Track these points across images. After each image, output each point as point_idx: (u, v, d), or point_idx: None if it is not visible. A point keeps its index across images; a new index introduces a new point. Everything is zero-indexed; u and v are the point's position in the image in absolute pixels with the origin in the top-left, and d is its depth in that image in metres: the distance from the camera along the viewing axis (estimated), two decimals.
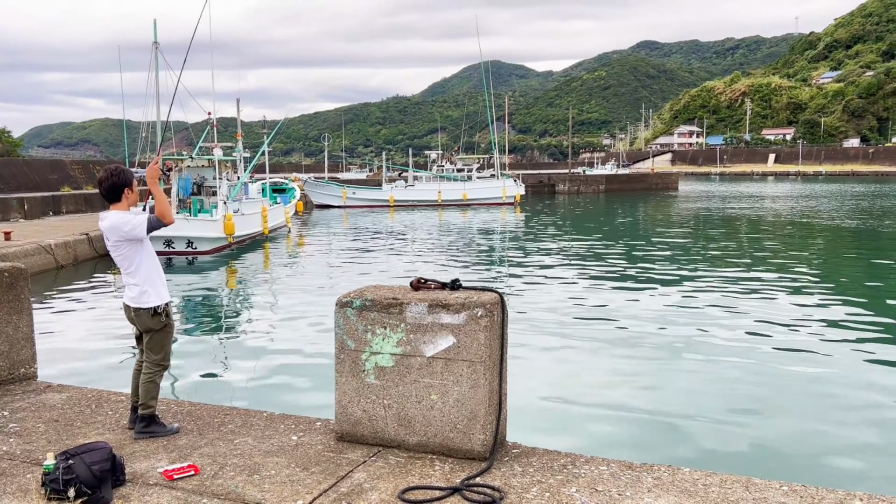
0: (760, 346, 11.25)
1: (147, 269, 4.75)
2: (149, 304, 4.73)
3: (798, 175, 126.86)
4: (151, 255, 4.80)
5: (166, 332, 4.84)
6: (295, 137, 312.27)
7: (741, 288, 16.49)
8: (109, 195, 4.77)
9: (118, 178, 4.74)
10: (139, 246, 4.73)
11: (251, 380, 9.89)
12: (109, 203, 4.79)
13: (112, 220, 4.70)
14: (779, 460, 7.00)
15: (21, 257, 17.47)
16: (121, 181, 4.74)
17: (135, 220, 4.64)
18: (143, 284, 4.73)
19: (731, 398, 8.79)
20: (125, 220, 4.66)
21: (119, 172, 4.78)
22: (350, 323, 4.59)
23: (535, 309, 14.24)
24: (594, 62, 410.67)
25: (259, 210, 27.69)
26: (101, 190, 4.79)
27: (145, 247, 4.75)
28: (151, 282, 4.75)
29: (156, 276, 4.78)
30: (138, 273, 4.73)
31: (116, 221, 4.68)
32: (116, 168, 4.84)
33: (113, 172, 4.77)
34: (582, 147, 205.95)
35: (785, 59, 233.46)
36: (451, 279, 4.68)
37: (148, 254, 4.77)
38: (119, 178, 4.74)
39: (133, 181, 4.83)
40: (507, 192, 52.94)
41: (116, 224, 4.67)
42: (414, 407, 4.46)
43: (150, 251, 4.80)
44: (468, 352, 4.31)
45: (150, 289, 4.74)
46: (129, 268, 4.75)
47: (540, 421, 7.32)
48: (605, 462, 4.32)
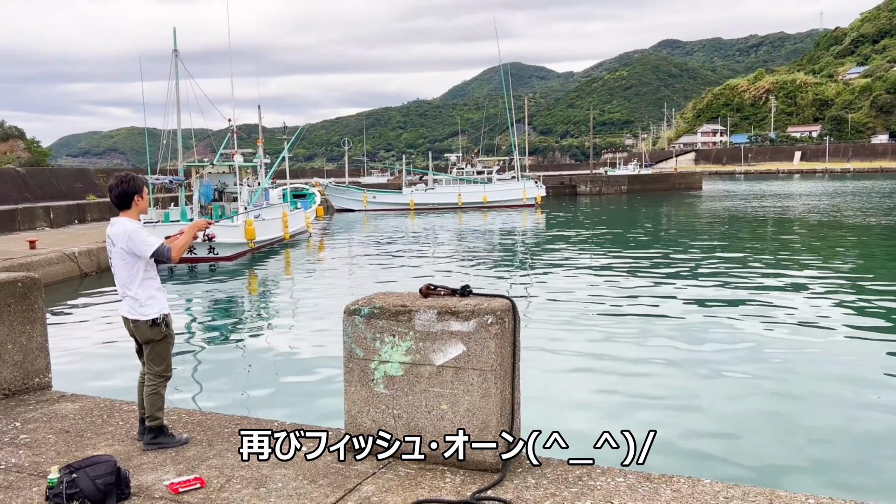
0: (785, 352, 10.93)
1: (146, 282, 4.69)
2: (148, 315, 4.68)
3: (825, 172, 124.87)
4: (149, 269, 4.74)
5: (166, 342, 4.78)
6: (317, 143, 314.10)
7: (767, 293, 16.09)
8: (119, 202, 4.73)
9: (128, 186, 4.70)
10: (140, 261, 4.68)
11: (267, 388, 9.84)
12: (119, 210, 4.76)
13: (123, 227, 4.65)
14: (805, 472, 6.76)
15: (45, 265, 17.67)
16: (131, 189, 4.70)
17: (148, 238, 4.62)
18: (142, 296, 4.68)
19: (755, 406, 8.52)
20: (137, 231, 4.62)
21: (129, 180, 4.74)
22: (358, 331, 4.50)
23: (553, 314, 14.06)
24: (615, 62, 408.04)
25: (279, 215, 27.80)
26: (112, 197, 4.75)
27: (145, 262, 4.70)
28: (149, 294, 4.70)
29: (153, 288, 4.73)
30: (136, 285, 4.68)
31: (128, 229, 4.63)
32: (127, 175, 4.81)
33: (123, 179, 4.73)
34: (604, 148, 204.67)
35: (810, 55, 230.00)
36: (461, 285, 4.57)
37: (147, 266, 4.71)
38: (129, 186, 4.70)
39: (144, 188, 4.79)
40: (527, 194, 52.68)
41: (127, 232, 4.62)
42: (424, 417, 4.36)
43: (149, 265, 4.74)
44: (478, 360, 4.19)
45: (150, 300, 4.69)
46: (126, 278, 4.69)
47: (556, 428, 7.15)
48: (622, 473, 4.18)
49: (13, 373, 6.00)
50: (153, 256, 4.61)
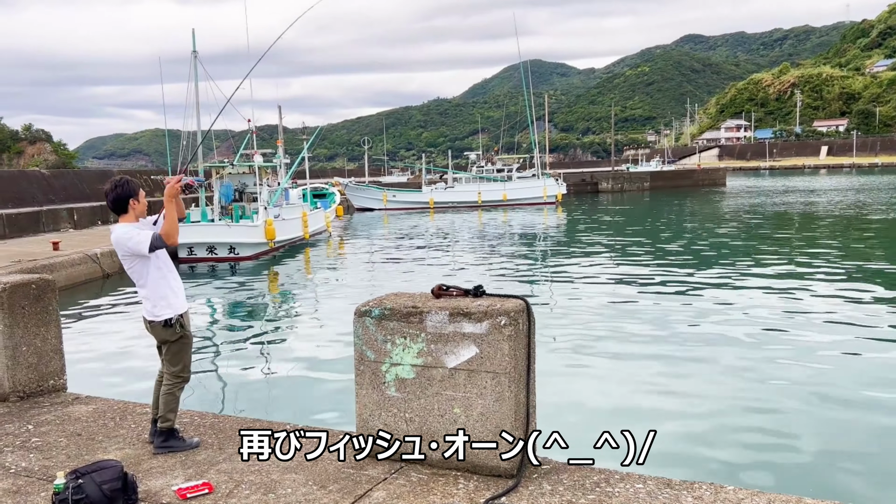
0: (812, 355, 10.61)
1: (156, 282, 4.64)
2: (161, 316, 4.63)
3: (853, 167, 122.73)
4: (160, 268, 4.68)
5: (183, 343, 4.72)
6: (338, 143, 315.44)
7: (796, 294, 15.63)
8: (116, 207, 4.68)
9: (122, 190, 4.65)
10: (147, 260, 4.62)
11: (282, 389, 9.79)
12: (117, 215, 4.71)
13: (117, 234, 4.62)
14: (833, 479, 6.53)
15: (68, 267, 17.85)
16: (125, 192, 4.65)
17: (138, 235, 4.55)
18: (154, 297, 4.64)
19: (780, 410, 8.26)
20: (129, 236, 4.57)
21: (123, 183, 4.69)
22: (369, 333, 4.40)
23: (572, 315, 13.87)
24: (637, 58, 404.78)
25: (299, 215, 27.86)
26: (108, 202, 4.71)
27: (153, 261, 4.64)
28: (162, 294, 4.65)
29: (166, 289, 4.67)
30: (148, 286, 4.65)
31: (121, 235, 4.59)
32: (121, 179, 4.76)
33: (117, 184, 4.68)
34: (626, 144, 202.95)
35: (836, 48, 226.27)
36: (474, 286, 4.45)
37: (156, 267, 4.65)
38: (123, 190, 4.65)
39: (139, 191, 4.74)
40: (548, 192, 52.34)
41: (121, 238, 4.59)
42: (436, 421, 4.25)
43: (159, 264, 4.68)
44: (492, 363, 4.07)
45: (162, 301, 4.64)
46: (139, 280, 4.68)
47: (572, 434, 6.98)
48: (642, 479, 4.03)
49: (27, 375, 5.99)
50: (152, 250, 4.55)
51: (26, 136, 76.58)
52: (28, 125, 78.27)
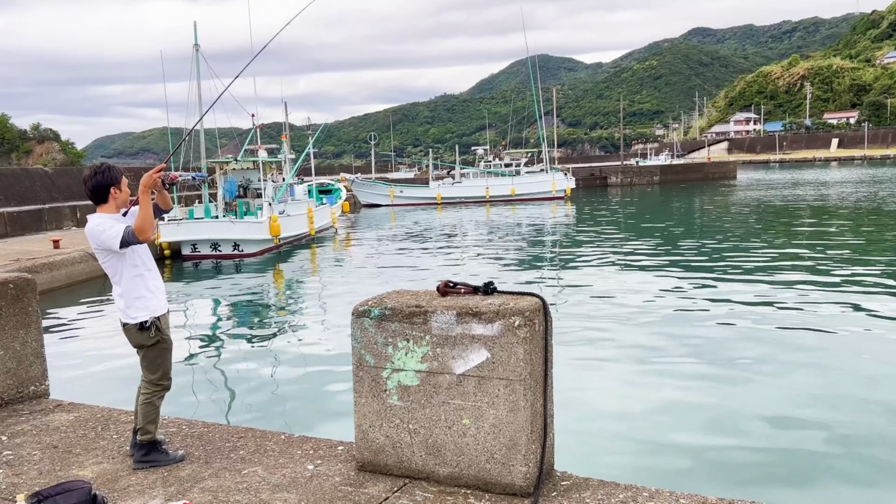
0: (855, 359, 9.86)
1: (131, 281, 4.22)
2: (135, 318, 4.21)
3: (864, 159, 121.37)
4: (136, 266, 4.26)
5: (160, 348, 4.30)
6: (346, 140, 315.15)
7: (823, 294, 14.66)
8: (95, 196, 4.27)
9: (103, 177, 4.24)
10: (121, 256, 4.20)
11: (281, 395, 9.28)
12: (96, 205, 4.30)
13: (91, 224, 4.20)
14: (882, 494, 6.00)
15: (68, 265, 17.52)
16: (105, 179, 4.24)
17: (111, 229, 4.12)
18: (128, 297, 4.22)
19: (822, 418, 7.61)
20: (102, 228, 4.15)
21: (104, 170, 4.28)
22: (368, 335, 3.97)
23: (589, 314, 13.30)
24: (644, 52, 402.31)
25: (305, 211, 27.47)
26: (86, 190, 4.30)
27: (127, 257, 4.22)
28: (137, 294, 4.23)
29: (142, 289, 4.25)
30: (122, 284, 4.24)
31: (94, 227, 4.18)
32: (102, 165, 4.36)
33: (97, 170, 4.27)
34: (634, 139, 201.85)
35: (846, 39, 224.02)
36: (483, 282, 4.01)
37: (131, 265, 4.23)
38: (104, 177, 4.24)
39: (122, 179, 4.32)
40: (556, 187, 51.79)
41: (94, 230, 4.18)
42: (444, 433, 3.82)
43: (135, 261, 4.26)
44: (504, 368, 3.64)
45: (137, 302, 4.22)
46: (113, 278, 4.27)
47: (595, 445, 6.52)
48: (674, 497, 3.60)
49: (6, 381, 5.60)
50: (123, 246, 4.12)
51: (34, 135, 76.48)
52: (36, 125, 78.14)
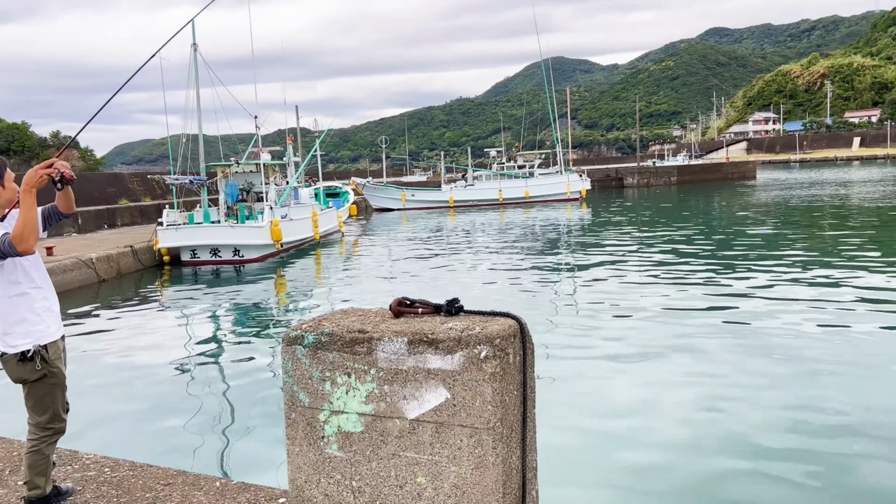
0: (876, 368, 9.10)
1: (9, 301, 3.43)
2: (15, 346, 3.42)
3: (887, 158, 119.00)
4: (18, 282, 3.47)
5: (48, 383, 3.51)
6: (362, 144, 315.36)
7: (853, 302, 13.49)
8: None
9: None
10: None
11: (244, 421, 8.14)
12: None
13: None
14: None
15: (59, 273, 16.89)
16: None
17: None
18: (5, 321, 3.43)
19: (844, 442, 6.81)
20: None
21: None
22: (302, 368, 3.15)
23: (598, 329, 12.35)
24: (661, 52, 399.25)
25: (309, 215, 26.74)
26: None
27: (6, 271, 3.43)
28: (18, 317, 3.44)
29: (25, 310, 3.46)
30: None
31: None
32: None
33: None
34: (651, 140, 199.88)
35: (867, 37, 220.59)
36: (447, 300, 3.16)
37: (10, 281, 3.45)
38: None
39: (6, 173, 3.54)
40: (571, 188, 50.79)
41: None
42: (394, 493, 2.98)
43: (17, 276, 3.47)
44: (468, 413, 2.80)
45: (18, 326, 3.43)
46: None
47: (593, 491, 5.68)
48: None
49: None
50: None
51: (54, 143, 76.98)
52: (56, 132, 78.66)
